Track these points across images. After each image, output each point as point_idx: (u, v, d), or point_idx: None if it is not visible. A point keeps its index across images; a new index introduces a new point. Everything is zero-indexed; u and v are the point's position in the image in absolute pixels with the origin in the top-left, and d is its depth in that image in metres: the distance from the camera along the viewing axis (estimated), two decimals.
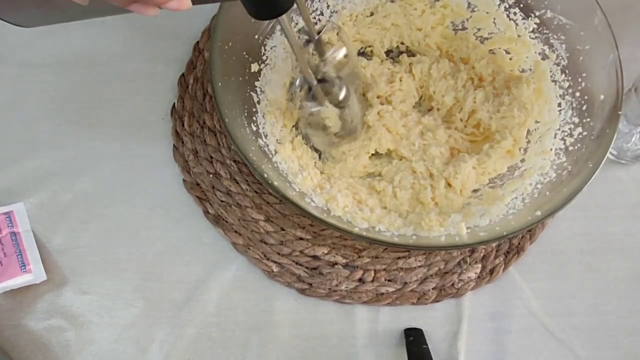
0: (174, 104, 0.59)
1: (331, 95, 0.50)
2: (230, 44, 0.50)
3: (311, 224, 0.54)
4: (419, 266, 0.53)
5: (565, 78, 0.53)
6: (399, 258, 0.53)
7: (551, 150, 0.51)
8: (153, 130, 0.58)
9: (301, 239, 0.54)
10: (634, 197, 0.57)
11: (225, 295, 0.52)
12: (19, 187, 0.55)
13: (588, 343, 0.52)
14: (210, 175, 0.55)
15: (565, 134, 0.51)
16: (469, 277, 0.53)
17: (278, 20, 0.38)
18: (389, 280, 0.53)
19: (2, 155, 0.56)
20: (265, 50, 0.54)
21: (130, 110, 0.58)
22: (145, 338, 0.50)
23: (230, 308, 0.52)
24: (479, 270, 0.53)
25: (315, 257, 0.53)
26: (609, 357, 0.52)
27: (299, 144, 0.54)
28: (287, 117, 0.54)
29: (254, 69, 0.52)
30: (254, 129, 0.50)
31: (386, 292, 0.52)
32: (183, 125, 0.57)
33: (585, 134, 0.50)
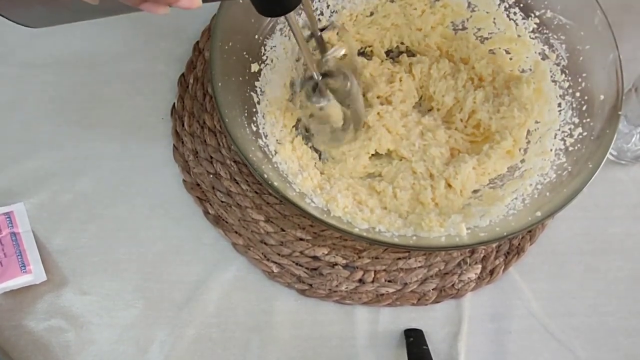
0: (174, 104, 0.58)
1: (335, 90, 0.49)
2: (230, 43, 0.50)
3: (311, 224, 0.54)
4: (419, 267, 0.53)
5: (565, 78, 0.53)
6: (399, 259, 0.53)
7: (551, 150, 0.51)
8: (153, 130, 0.58)
9: (301, 239, 0.54)
10: (634, 198, 0.57)
11: (225, 295, 0.52)
12: (19, 187, 0.55)
13: (588, 344, 0.52)
14: (211, 176, 0.55)
15: (565, 134, 0.51)
16: (469, 278, 0.53)
17: (285, 17, 0.38)
18: (389, 281, 0.53)
19: (2, 155, 0.56)
20: (265, 50, 0.54)
21: (130, 110, 0.58)
22: (145, 338, 0.50)
23: (231, 308, 0.52)
24: (479, 271, 0.53)
25: (315, 258, 0.53)
26: (609, 358, 0.52)
27: (299, 144, 0.54)
28: (287, 117, 0.54)
29: (254, 69, 0.52)
30: (254, 129, 0.50)
31: (386, 293, 0.52)
32: (183, 125, 0.57)
33: (585, 134, 0.50)
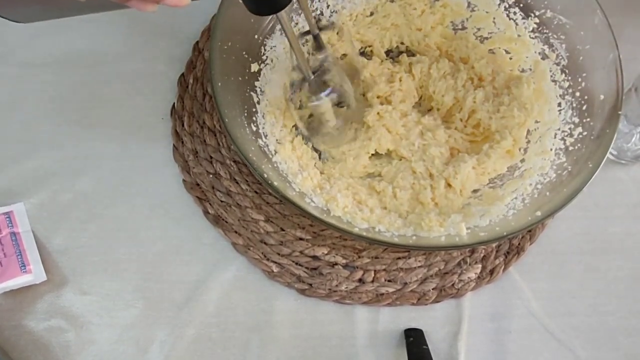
0: (174, 104, 0.59)
1: (327, 88, 0.49)
2: (230, 43, 0.50)
3: (311, 224, 0.54)
4: (419, 266, 0.53)
5: (565, 78, 0.53)
6: (399, 258, 0.53)
7: (551, 150, 0.51)
8: (153, 130, 0.58)
9: (301, 239, 0.54)
10: (634, 197, 0.57)
11: (225, 295, 0.52)
12: (19, 187, 0.55)
13: (588, 343, 0.52)
14: (210, 176, 0.55)
15: (565, 134, 0.51)
16: (469, 278, 0.53)
17: (277, 16, 0.38)
18: (389, 281, 0.53)
19: (2, 155, 0.56)
20: (265, 50, 0.54)
21: (130, 110, 0.58)
22: (145, 338, 0.50)
23: (230, 308, 0.52)
24: (479, 270, 0.53)
25: (315, 258, 0.53)
26: (609, 358, 0.52)
27: (299, 144, 0.54)
28: (287, 117, 0.54)
29: (254, 69, 0.52)
30: (254, 129, 0.50)
31: (386, 293, 0.52)
32: (183, 125, 0.57)
33: (585, 134, 0.50)
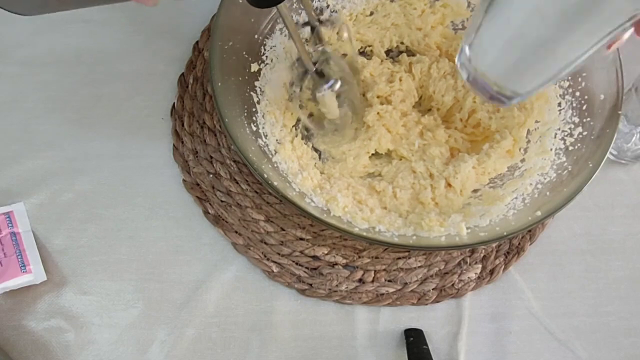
0: (174, 103, 0.58)
1: (328, 78, 0.49)
2: (230, 43, 0.50)
3: (311, 224, 0.54)
4: (419, 266, 0.53)
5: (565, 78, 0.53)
6: (399, 258, 0.53)
7: (551, 150, 0.51)
8: (153, 130, 0.58)
9: (301, 239, 0.53)
10: (634, 197, 0.57)
11: (225, 295, 0.52)
12: (19, 187, 0.55)
13: (589, 344, 0.52)
14: (210, 176, 0.55)
15: (566, 133, 0.51)
16: (469, 278, 0.53)
17: (277, 8, 0.38)
18: (389, 281, 0.53)
19: (2, 155, 0.56)
20: (265, 50, 0.54)
21: (130, 110, 0.58)
22: (145, 339, 0.50)
23: (231, 308, 0.52)
24: (479, 270, 0.53)
25: (315, 258, 0.53)
26: (609, 358, 0.51)
27: (299, 144, 0.54)
28: (287, 117, 0.54)
29: (254, 69, 0.52)
30: (254, 129, 0.50)
31: (386, 293, 0.52)
32: (183, 125, 0.57)
33: (585, 133, 0.50)
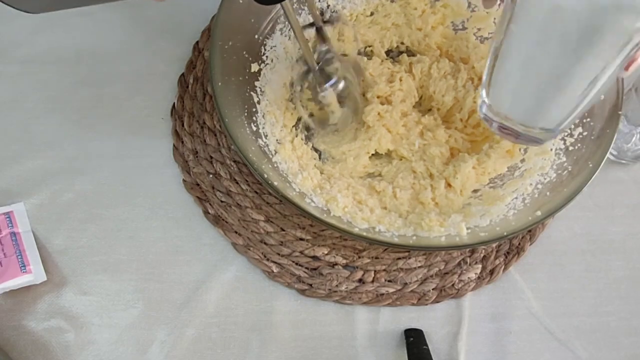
0: (174, 103, 0.58)
1: (331, 77, 0.49)
2: (230, 43, 0.50)
3: (311, 224, 0.54)
4: (419, 267, 0.53)
5: None
6: (399, 259, 0.53)
7: (551, 150, 0.51)
8: (153, 130, 0.58)
9: (301, 239, 0.53)
10: (634, 198, 0.57)
11: (225, 295, 0.52)
12: (19, 187, 0.55)
13: (589, 344, 0.52)
14: (210, 176, 0.55)
15: (566, 134, 0.51)
16: (469, 278, 0.53)
17: (281, 5, 0.38)
18: (389, 281, 0.53)
19: (2, 155, 0.56)
20: (265, 50, 0.54)
21: (130, 110, 0.58)
22: (145, 339, 0.50)
23: (230, 308, 0.52)
24: (479, 270, 0.53)
25: (315, 258, 0.53)
26: (609, 358, 0.51)
27: (299, 144, 0.54)
28: (287, 117, 0.54)
29: (254, 69, 0.52)
30: (254, 129, 0.50)
31: (386, 293, 0.52)
32: (183, 125, 0.57)
33: (585, 134, 0.50)
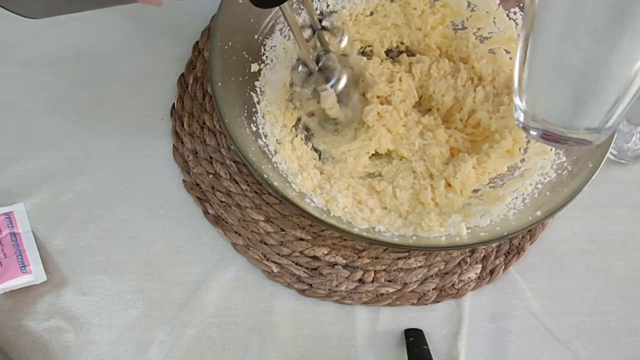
0: (174, 104, 0.58)
1: (330, 78, 0.49)
2: (230, 43, 0.50)
3: (311, 224, 0.54)
4: (419, 267, 0.53)
5: None
6: (399, 259, 0.53)
7: (551, 150, 0.51)
8: (153, 130, 0.58)
9: (301, 239, 0.53)
10: (634, 197, 0.57)
11: (225, 295, 0.52)
12: (19, 187, 0.55)
13: (589, 344, 0.52)
14: (210, 176, 0.55)
15: None
16: (469, 278, 0.53)
17: (280, 8, 0.38)
18: (389, 281, 0.53)
19: (2, 155, 0.56)
20: (265, 50, 0.54)
21: (130, 110, 0.58)
22: (145, 339, 0.50)
23: (230, 308, 0.52)
24: (479, 270, 0.53)
25: (315, 258, 0.53)
26: (610, 358, 0.51)
27: (299, 144, 0.54)
28: (287, 117, 0.54)
29: (254, 69, 0.52)
30: (254, 129, 0.50)
31: (386, 293, 0.52)
32: (183, 125, 0.57)
33: None
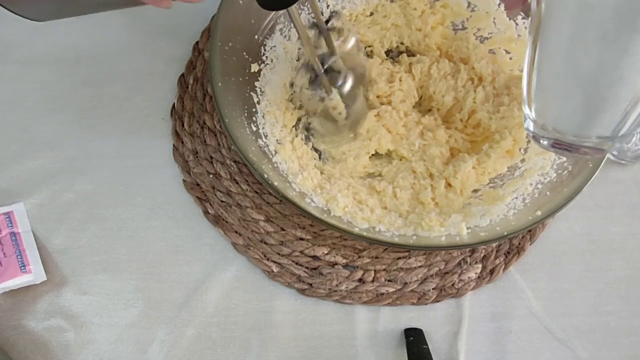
0: (174, 104, 0.58)
1: (336, 85, 0.49)
2: (230, 44, 0.50)
3: (311, 224, 0.54)
4: (419, 266, 0.53)
5: None
6: (399, 258, 0.53)
7: None
8: (153, 130, 0.58)
9: (301, 239, 0.53)
10: (634, 197, 0.57)
11: (225, 295, 0.52)
12: (19, 187, 0.55)
13: (589, 343, 0.52)
14: (210, 176, 0.55)
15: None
16: (469, 278, 0.53)
17: (287, 11, 0.38)
18: (389, 281, 0.53)
19: (2, 155, 0.56)
20: (265, 50, 0.54)
21: (130, 110, 0.58)
22: (145, 338, 0.50)
23: (231, 308, 0.52)
24: (479, 270, 0.53)
25: (315, 258, 0.53)
26: (609, 358, 0.51)
27: (299, 144, 0.54)
28: (287, 117, 0.54)
29: (254, 69, 0.52)
30: (254, 129, 0.50)
31: (386, 292, 0.52)
32: (183, 125, 0.57)
33: None
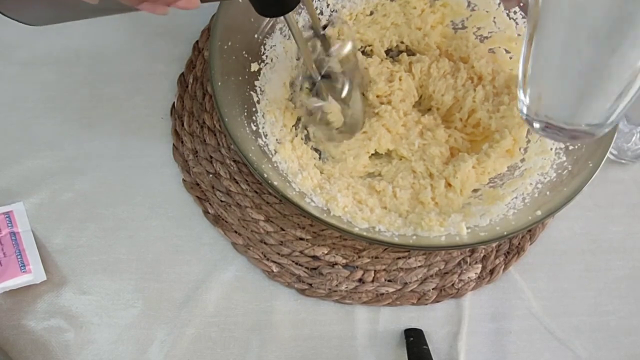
0: (174, 103, 0.58)
1: (334, 90, 0.49)
2: (229, 43, 0.50)
3: (311, 224, 0.54)
4: (419, 266, 0.53)
5: None
6: (399, 258, 0.53)
7: (551, 149, 0.51)
8: (153, 130, 0.58)
9: (301, 239, 0.53)
10: (634, 197, 0.57)
11: (225, 295, 0.52)
12: (18, 187, 0.55)
13: (589, 343, 0.52)
14: (210, 175, 0.55)
15: None
16: (469, 278, 0.53)
17: (284, 18, 0.38)
18: (389, 281, 0.53)
19: (2, 155, 0.56)
20: (264, 49, 0.54)
21: (130, 110, 0.58)
22: (145, 338, 0.50)
23: (230, 308, 0.52)
24: (479, 270, 0.53)
25: (315, 258, 0.53)
26: (609, 358, 0.51)
27: (299, 143, 0.54)
28: (287, 117, 0.54)
29: (254, 69, 0.52)
30: (254, 128, 0.50)
31: (386, 293, 0.52)
32: (183, 124, 0.57)
33: None
